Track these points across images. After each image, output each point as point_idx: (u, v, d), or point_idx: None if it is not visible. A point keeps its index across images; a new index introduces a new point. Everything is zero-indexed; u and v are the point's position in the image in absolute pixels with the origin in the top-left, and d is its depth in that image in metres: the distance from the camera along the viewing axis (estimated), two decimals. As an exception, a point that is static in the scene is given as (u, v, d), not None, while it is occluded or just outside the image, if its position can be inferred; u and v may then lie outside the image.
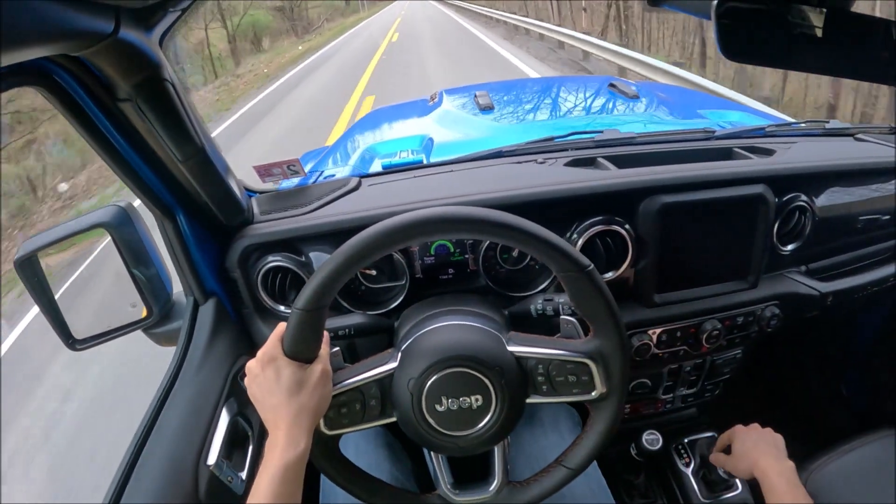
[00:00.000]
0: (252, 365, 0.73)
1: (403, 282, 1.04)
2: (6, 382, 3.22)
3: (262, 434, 0.94)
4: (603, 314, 0.74)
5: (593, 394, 0.77)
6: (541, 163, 1.15)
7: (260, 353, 0.73)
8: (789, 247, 1.17)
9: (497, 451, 0.83)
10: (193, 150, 0.80)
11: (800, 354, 1.65)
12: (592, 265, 0.73)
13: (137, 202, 0.91)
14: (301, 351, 0.72)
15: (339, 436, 0.80)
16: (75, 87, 0.68)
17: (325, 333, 0.76)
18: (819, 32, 0.56)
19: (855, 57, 0.59)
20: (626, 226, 1.04)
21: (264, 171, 1.03)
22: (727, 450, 1.07)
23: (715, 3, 0.53)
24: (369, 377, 0.77)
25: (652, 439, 1.25)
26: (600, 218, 1.03)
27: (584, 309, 0.75)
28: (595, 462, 1.05)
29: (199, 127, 0.81)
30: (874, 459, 1.10)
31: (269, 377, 0.70)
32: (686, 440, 1.30)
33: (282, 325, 0.74)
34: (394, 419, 0.79)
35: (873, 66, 0.59)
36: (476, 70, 9.93)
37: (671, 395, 1.31)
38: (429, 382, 0.75)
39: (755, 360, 1.34)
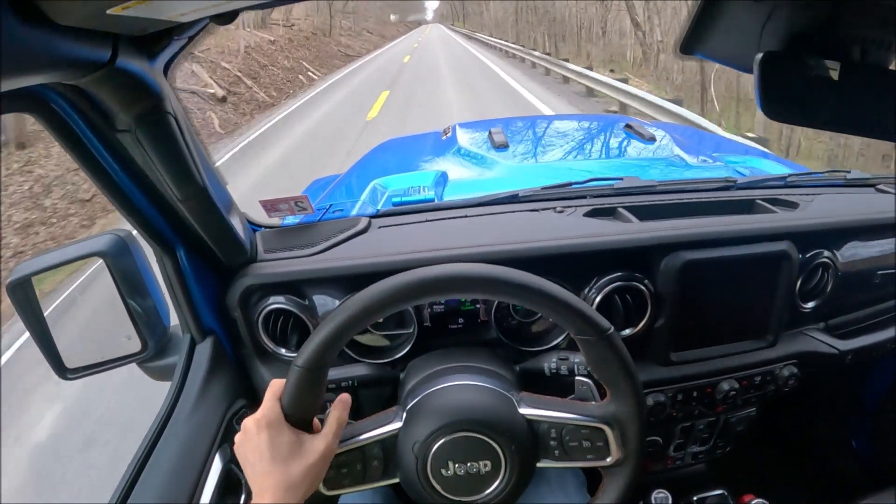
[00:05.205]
0: (249, 424, 0.68)
1: (411, 330, 1.00)
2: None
3: None
4: (621, 379, 0.71)
5: (608, 460, 0.73)
6: (559, 212, 1.12)
7: (259, 413, 0.68)
8: (810, 304, 1.14)
9: None
10: (194, 189, 0.77)
11: (811, 408, 1.61)
12: (612, 328, 0.70)
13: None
14: (299, 411, 0.69)
15: (338, 497, 0.76)
16: (73, 116, 0.65)
17: (343, 414, 0.71)
18: (866, 92, 0.53)
19: None
20: (646, 281, 1.01)
21: (270, 207, 1.01)
22: None
23: (760, 56, 0.50)
24: (373, 437, 0.74)
25: (661, 498, 1.20)
26: (620, 274, 1.00)
27: (601, 373, 0.72)
28: None
29: (202, 163, 0.78)
30: None
31: (262, 441, 0.66)
32: (695, 498, 1.26)
33: (277, 383, 0.70)
34: (396, 480, 0.75)
35: None
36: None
37: (682, 452, 1.27)
38: (435, 446, 0.71)
39: (768, 417, 1.30)
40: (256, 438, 0.66)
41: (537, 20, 25.35)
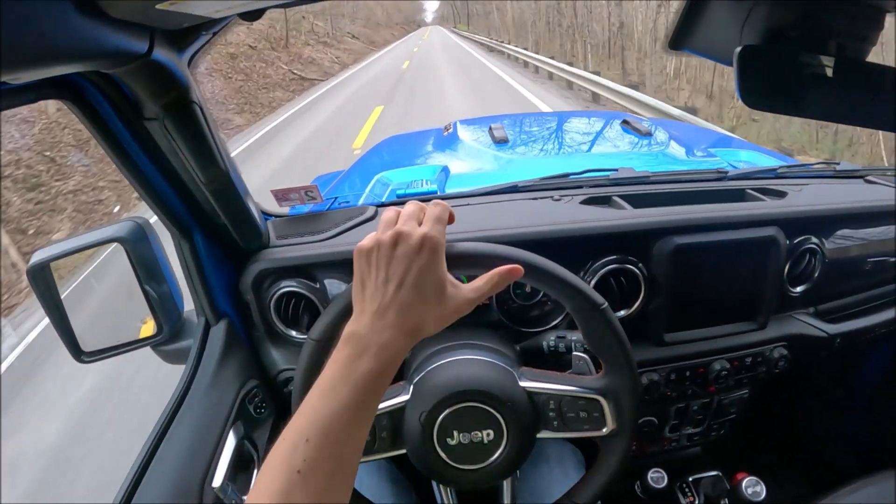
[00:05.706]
0: (408, 234, 0.56)
1: None
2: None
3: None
4: (615, 352, 0.75)
5: (604, 430, 0.77)
6: (556, 200, 1.16)
7: (427, 228, 0.56)
8: (799, 288, 1.18)
9: (506, 485, 0.84)
10: (217, 172, 0.81)
11: (804, 394, 1.64)
12: (606, 303, 0.73)
13: (153, 218, 0.91)
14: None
15: None
16: (103, 104, 0.69)
17: (501, 283, 0.63)
18: (837, 81, 0.57)
19: (872, 106, 0.60)
20: (640, 265, 1.05)
21: (282, 196, 1.04)
22: None
23: (738, 49, 0.54)
24: (381, 409, 0.78)
25: (657, 477, 1.24)
26: (614, 257, 1.04)
27: (596, 346, 0.76)
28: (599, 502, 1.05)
29: (224, 150, 0.82)
30: (877, 500, 1.08)
31: (419, 262, 0.55)
32: (690, 479, 1.29)
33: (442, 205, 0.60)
34: (403, 451, 0.79)
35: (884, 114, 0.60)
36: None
37: (677, 433, 1.30)
38: (441, 416, 0.75)
39: (760, 400, 1.33)
40: (413, 255, 0.55)
41: (576, 25, 18.46)
